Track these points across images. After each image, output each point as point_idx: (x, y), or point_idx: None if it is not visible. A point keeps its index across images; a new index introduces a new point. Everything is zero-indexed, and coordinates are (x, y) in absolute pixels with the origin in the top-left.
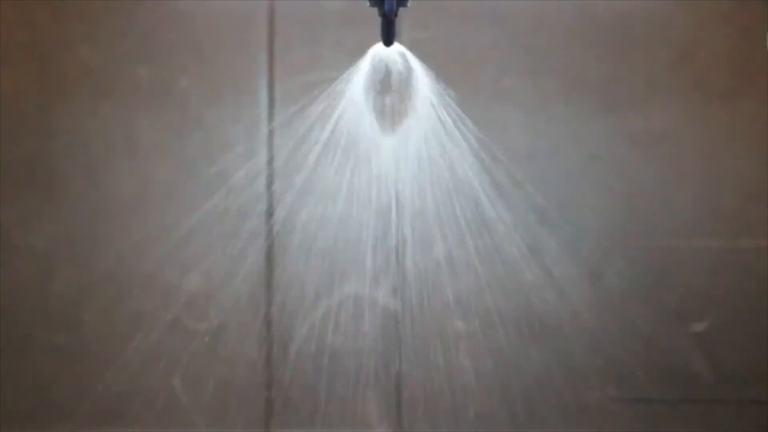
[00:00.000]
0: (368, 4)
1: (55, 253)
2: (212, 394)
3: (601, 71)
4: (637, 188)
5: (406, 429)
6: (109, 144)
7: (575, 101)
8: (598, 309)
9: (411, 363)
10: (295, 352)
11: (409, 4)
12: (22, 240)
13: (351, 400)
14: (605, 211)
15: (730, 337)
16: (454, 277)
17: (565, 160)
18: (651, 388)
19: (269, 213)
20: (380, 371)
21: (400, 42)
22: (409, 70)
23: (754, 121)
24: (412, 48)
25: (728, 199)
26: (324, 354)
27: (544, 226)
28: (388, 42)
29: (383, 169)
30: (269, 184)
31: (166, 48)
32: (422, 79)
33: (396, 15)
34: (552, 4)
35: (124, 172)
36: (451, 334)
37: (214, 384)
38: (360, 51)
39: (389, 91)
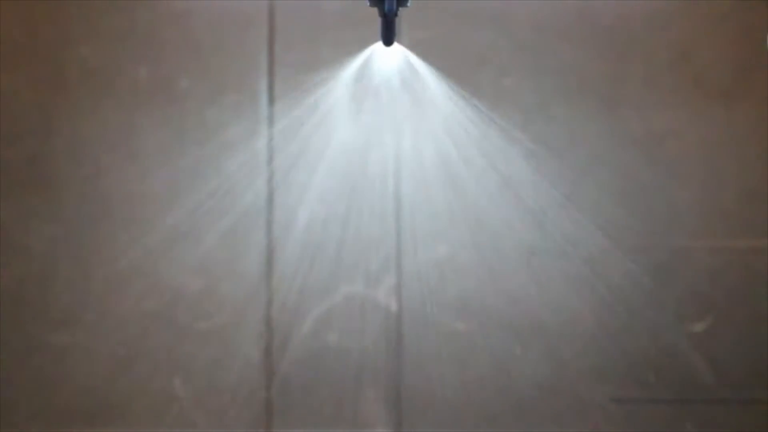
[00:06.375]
0: (368, 4)
1: (55, 253)
2: (212, 394)
3: (601, 71)
4: (637, 188)
5: (406, 429)
6: (109, 144)
7: (575, 101)
8: (598, 309)
9: (411, 363)
10: (295, 352)
11: (409, 4)
12: (22, 240)
13: (351, 400)
14: (605, 211)
15: (730, 337)
16: (454, 277)
17: (565, 160)
18: (651, 388)
19: (269, 213)
20: (380, 371)
21: (400, 42)
22: (409, 69)
23: (754, 121)
24: (412, 48)
25: (728, 199)
26: (324, 354)
27: (544, 226)
28: (388, 42)
29: (383, 168)
30: (269, 184)
31: (166, 48)
32: (423, 79)
33: (396, 15)
34: (552, 4)
35: (124, 172)
36: (450, 334)
37: (214, 384)
38: (360, 51)
39: (389, 91)
